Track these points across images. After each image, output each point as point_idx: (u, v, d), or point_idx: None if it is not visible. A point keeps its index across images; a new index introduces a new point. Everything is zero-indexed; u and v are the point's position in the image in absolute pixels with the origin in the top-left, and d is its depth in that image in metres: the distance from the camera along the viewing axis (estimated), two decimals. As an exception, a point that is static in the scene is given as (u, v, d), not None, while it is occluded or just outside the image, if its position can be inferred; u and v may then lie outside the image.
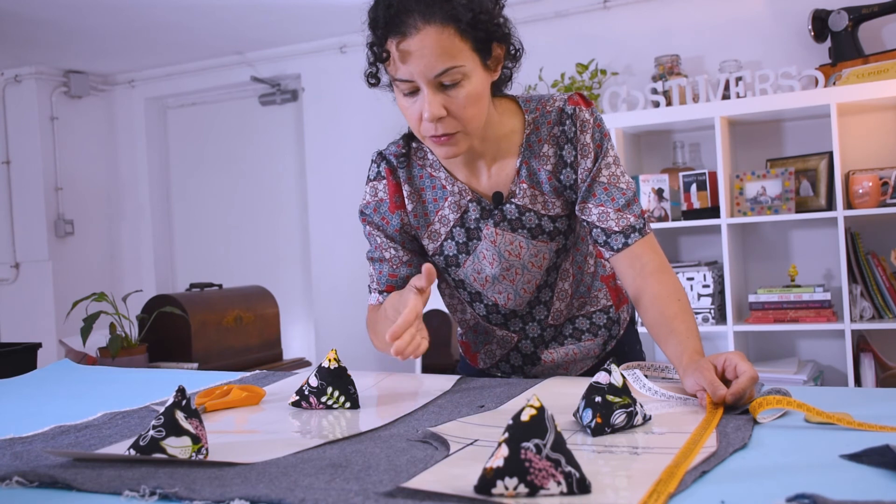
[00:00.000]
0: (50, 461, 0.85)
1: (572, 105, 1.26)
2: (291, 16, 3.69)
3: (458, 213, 1.31)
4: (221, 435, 0.98)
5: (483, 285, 1.34)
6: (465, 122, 1.17)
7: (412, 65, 1.12)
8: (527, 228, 1.29)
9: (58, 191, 4.40)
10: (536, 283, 1.34)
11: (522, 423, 0.68)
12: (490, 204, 1.29)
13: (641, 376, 1.13)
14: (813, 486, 0.64)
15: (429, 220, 1.33)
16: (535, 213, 1.29)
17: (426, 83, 1.14)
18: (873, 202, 2.85)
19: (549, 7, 3.60)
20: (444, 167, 1.31)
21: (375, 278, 1.35)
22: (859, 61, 2.96)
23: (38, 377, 1.56)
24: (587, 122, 1.25)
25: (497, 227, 1.29)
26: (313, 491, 0.70)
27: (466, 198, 1.30)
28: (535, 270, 1.32)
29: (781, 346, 3.26)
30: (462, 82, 1.14)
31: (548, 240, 1.30)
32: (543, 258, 1.31)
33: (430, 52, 1.11)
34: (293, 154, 4.45)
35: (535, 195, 1.28)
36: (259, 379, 1.40)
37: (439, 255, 1.34)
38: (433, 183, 1.32)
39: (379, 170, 1.34)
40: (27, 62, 4.25)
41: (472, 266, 1.33)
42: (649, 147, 3.45)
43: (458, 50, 1.13)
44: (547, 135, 1.27)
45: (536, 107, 1.28)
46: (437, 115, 1.15)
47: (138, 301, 3.09)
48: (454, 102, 1.15)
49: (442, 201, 1.31)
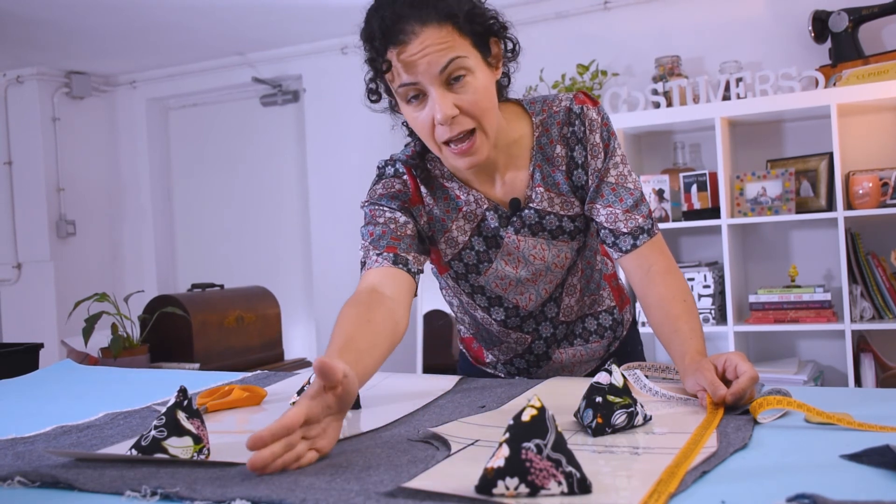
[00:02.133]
0: (52, 461, 0.85)
1: (579, 104, 1.24)
2: (292, 17, 3.70)
3: (474, 223, 1.28)
4: (223, 435, 0.99)
5: (505, 290, 1.32)
6: (479, 116, 1.14)
7: (415, 67, 1.10)
8: (547, 231, 1.27)
9: (59, 191, 4.40)
10: (556, 282, 1.32)
11: (523, 423, 0.68)
12: (507, 211, 1.27)
13: (642, 377, 1.13)
14: (813, 487, 0.64)
15: (445, 227, 1.29)
16: (555, 216, 1.27)
17: (433, 82, 1.11)
18: (873, 203, 2.85)
19: (550, 8, 3.60)
20: (456, 178, 1.28)
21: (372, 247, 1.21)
22: (859, 62, 2.96)
23: (40, 377, 1.56)
24: (595, 121, 1.24)
25: (518, 235, 1.27)
26: (314, 491, 0.71)
27: (483, 206, 1.27)
28: (558, 271, 1.31)
29: (782, 347, 3.26)
30: (467, 77, 1.12)
31: (568, 239, 1.29)
32: (566, 258, 1.30)
33: (433, 49, 1.10)
34: (294, 155, 4.45)
35: (552, 197, 1.26)
36: (260, 379, 1.40)
37: (458, 261, 1.30)
38: (445, 194, 1.28)
39: (396, 168, 1.28)
40: (29, 63, 4.26)
41: (495, 273, 1.30)
42: (650, 148, 3.46)
43: (459, 44, 1.12)
44: (557, 135, 1.25)
45: (542, 108, 1.26)
46: (450, 114, 1.12)
47: (140, 301, 3.09)
48: (464, 98, 1.13)
49: (455, 212, 1.28)
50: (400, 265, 1.19)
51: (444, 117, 1.12)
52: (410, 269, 1.21)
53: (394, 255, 1.20)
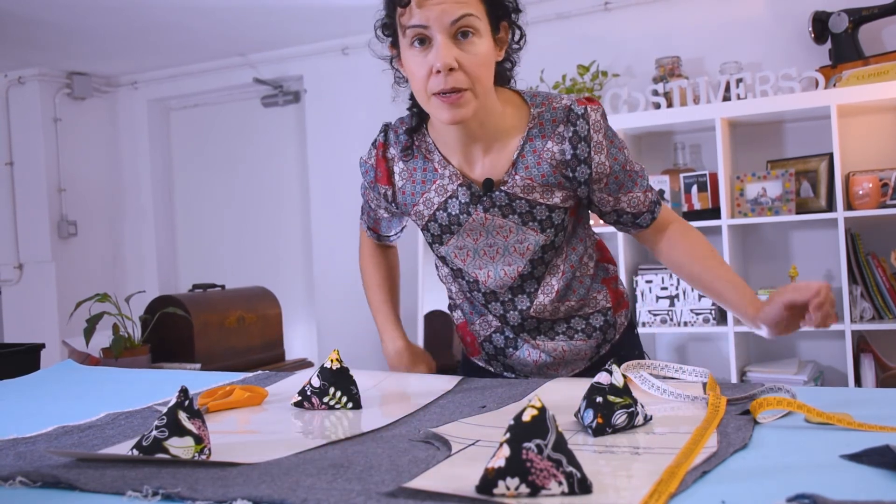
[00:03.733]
0: (53, 461, 0.86)
1: (582, 105, 1.28)
2: (293, 17, 3.70)
3: (443, 198, 1.32)
4: (224, 435, 0.99)
5: (464, 261, 1.36)
6: (474, 79, 1.19)
7: (430, 10, 1.15)
8: (518, 214, 1.30)
9: (61, 192, 4.41)
10: (519, 271, 1.34)
11: (524, 423, 0.69)
12: (480, 190, 1.30)
13: (648, 376, 1.13)
14: (813, 487, 0.64)
15: (415, 201, 1.35)
16: (526, 201, 1.29)
17: (441, 30, 1.16)
18: (873, 203, 2.85)
19: (551, 9, 3.60)
20: (438, 149, 1.33)
21: (364, 217, 1.54)
22: (859, 63, 2.96)
23: (42, 378, 1.56)
24: (598, 122, 1.28)
25: (487, 213, 1.31)
26: (315, 491, 0.71)
27: (456, 182, 1.31)
28: (517, 256, 1.33)
29: (782, 347, 3.26)
30: (475, 38, 1.17)
31: (538, 228, 1.31)
32: (528, 248, 1.32)
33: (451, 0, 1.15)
34: (295, 155, 4.46)
35: (530, 186, 1.29)
36: (261, 379, 1.40)
37: (426, 231, 1.38)
38: (425, 165, 1.34)
39: (377, 138, 1.40)
40: (30, 64, 4.26)
41: (455, 243, 1.35)
42: (650, 148, 3.46)
43: (476, 6, 1.17)
44: (552, 132, 1.27)
45: (543, 102, 1.29)
46: (450, 65, 1.16)
47: (141, 302, 3.09)
48: (466, 57, 1.17)
49: (430, 184, 1.33)
50: (383, 241, 1.58)
51: (443, 65, 1.16)
52: (389, 241, 1.58)
53: (377, 236, 1.56)
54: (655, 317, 3.15)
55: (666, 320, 3.14)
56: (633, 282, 3.19)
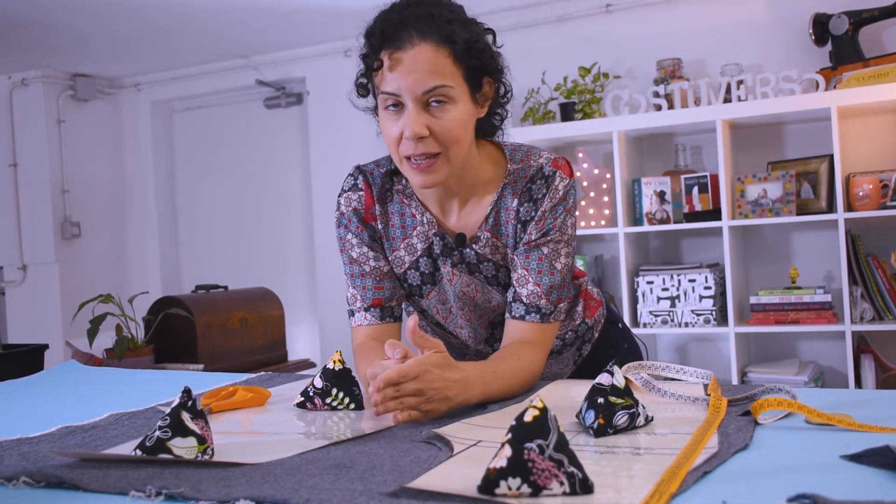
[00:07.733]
0: (57, 461, 0.86)
1: (553, 167, 1.24)
2: (296, 20, 3.70)
3: (426, 244, 1.29)
4: (227, 436, 0.99)
5: (445, 318, 1.34)
6: (447, 143, 1.15)
7: (401, 78, 1.11)
8: (483, 275, 1.28)
9: (64, 193, 4.41)
10: (489, 320, 1.34)
11: (525, 423, 0.69)
12: (452, 242, 1.28)
13: (649, 378, 1.13)
14: (814, 487, 0.65)
15: (393, 246, 1.30)
16: (493, 264, 1.28)
17: (413, 99, 1.12)
18: (873, 204, 2.85)
19: (552, 11, 3.61)
20: (416, 196, 1.29)
21: (359, 296, 1.29)
22: (860, 65, 2.96)
23: (45, 378, 1.57)
24: (558, 189, 1.23)
25: (454, 268, 1.28)
26: (318, 491, 0.71)
27: (432, 230, 1.28)
28: (487, 306, 1.32)
29: (782, 348, 3.26)
30: (448, 105, 1.13)
31: (501, 291, 1.30)
32: (497, 306, 1.31)
33: (422, 68, 1.11)
34: (298, 157, 4.46)
35: (496, 245, 1.27)
36: (264, 380, 1.41)
37: (404, 280, 1.32)
38: (402, 210, 1.30)
39: (356, 182, 1.32)
40: (34, 66, 4.27)
41: (437, 296, 1.32)
42: (651, 150, 3.46)
43: (450, 73, 1.13)
44: (521, 189, 1.25)
45: (521, 158, 1.26)
46: (419, 134, 1.12)
47: (144, 302, 3.09)
48: (438, 124, 1.13)
49: (410, 229, 1.29)
50: (387, 318, 1.29)
51: (412, 134, 1.13)
52: (395, 314, 1.31)
53: (380, 310, 1.29)
54: (656, 317, 3.15)
55: (667, 321, 3.14)
56: (634, 282, 3.19)
